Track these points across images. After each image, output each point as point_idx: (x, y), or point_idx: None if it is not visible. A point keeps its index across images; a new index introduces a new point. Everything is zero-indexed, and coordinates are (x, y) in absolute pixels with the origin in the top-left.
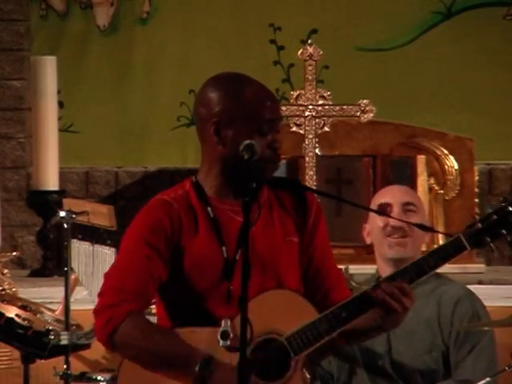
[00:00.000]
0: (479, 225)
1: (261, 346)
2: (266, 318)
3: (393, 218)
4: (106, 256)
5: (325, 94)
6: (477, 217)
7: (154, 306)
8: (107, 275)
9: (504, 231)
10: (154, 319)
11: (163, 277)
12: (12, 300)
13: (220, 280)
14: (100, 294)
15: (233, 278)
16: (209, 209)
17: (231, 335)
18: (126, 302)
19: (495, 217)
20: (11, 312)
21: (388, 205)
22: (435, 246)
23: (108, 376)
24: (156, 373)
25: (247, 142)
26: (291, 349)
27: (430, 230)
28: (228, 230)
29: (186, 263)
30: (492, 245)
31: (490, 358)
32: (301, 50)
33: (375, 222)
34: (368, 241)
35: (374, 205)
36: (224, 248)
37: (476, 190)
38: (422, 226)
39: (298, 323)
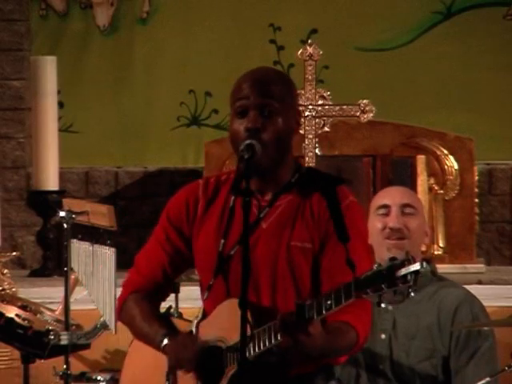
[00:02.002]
0: (366, 275)
1: (207, 352)
2: (220, 324)
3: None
4: (106, 256)
5: (325, 94)
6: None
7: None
8: (140, 250)
9: (384, 286)
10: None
11: (178, 263)
12: (12, 300)
13: (211, 273)
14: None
15: (221, 273)
16: (232, 198)
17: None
18: (135, 282)
19: (383, 272)
20: (11, 312)
21: (386, 206)
22: (434, 247)
23: (108, 376)
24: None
25: (247, 141)
26: (226, 359)
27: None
28: (241, 225)
29: (194, 250)
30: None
31: (491, 366)
32: (301, 50)
33: (374, 223)
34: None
35: (373, 206)
36: (223, 241)
37: (476, 189)
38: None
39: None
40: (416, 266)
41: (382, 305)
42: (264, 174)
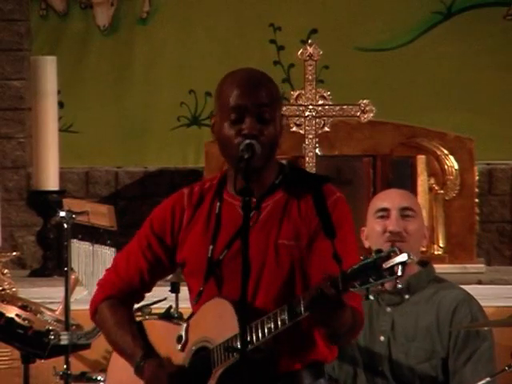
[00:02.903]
0: (352, 269)
1: (195, 354)
2: (205, 325)
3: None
4: (106, 256)
5: (325, 94)
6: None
7: (155, 306)
8: (120, 251)
9: (371, 279)
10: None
11: (157, 271)
12: (12, 300)
13: (201, 278)
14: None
15: (211, 278)
16: (218, 204)
17: (183, 339)
18: (111, 285)
19: (370, 264)
20: (11, 312)
21: (385, 210)
22: (434, 247)
23: None
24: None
25: (247, 141)
26: (213, 359)
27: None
28: (229, 229)
29: (181, 259)
30: (367, 290)
31: (489, 367)
32: (301, 50)
33: (373, 226)
34: (366, 244)
35: (372, 208)
36: (211, 247)
37: (476, 189)
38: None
39: (227, 333)
40: (402, 258)
41: (371, 297)
42: (258, 174)
